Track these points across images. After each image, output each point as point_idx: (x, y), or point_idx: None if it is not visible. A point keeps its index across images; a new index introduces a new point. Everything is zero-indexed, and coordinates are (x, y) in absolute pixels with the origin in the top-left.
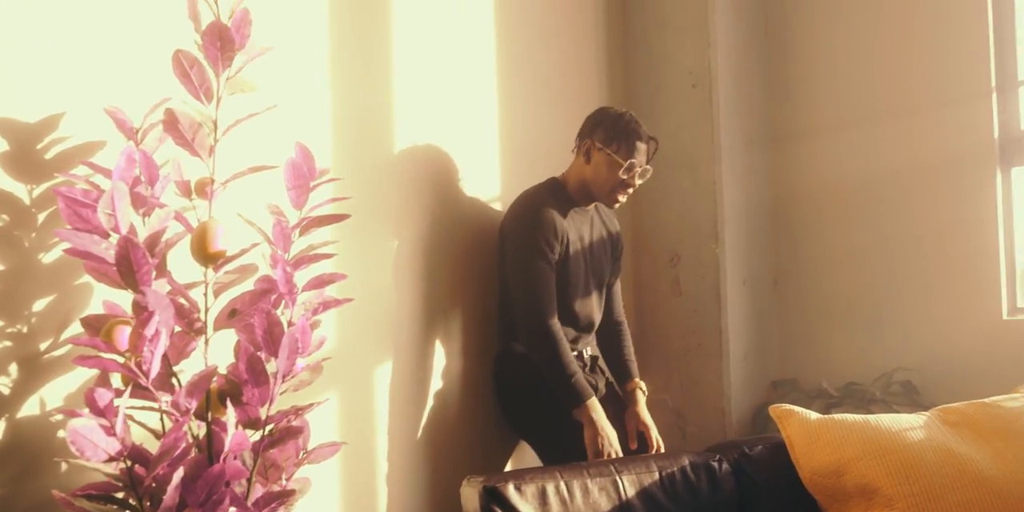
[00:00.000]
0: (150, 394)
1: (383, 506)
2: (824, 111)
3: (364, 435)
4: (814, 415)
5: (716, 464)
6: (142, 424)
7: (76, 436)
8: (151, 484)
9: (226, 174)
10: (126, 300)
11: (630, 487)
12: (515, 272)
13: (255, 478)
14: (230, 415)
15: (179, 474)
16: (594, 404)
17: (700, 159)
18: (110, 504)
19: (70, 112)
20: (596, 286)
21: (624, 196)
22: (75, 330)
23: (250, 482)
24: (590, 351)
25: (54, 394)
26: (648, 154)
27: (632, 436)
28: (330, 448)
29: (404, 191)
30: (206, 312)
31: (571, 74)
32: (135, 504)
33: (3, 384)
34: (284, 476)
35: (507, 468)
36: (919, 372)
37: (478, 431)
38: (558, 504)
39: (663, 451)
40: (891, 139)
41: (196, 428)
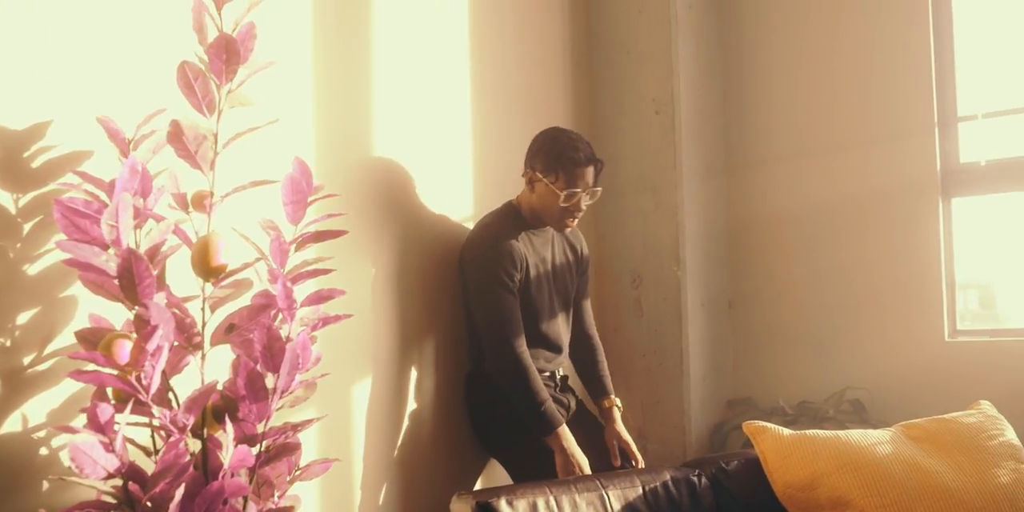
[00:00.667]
0: (147, 410)
1: None
2: (778, 142)
3: (342, 453)
4: (786, 431)
5: (696, 479)
6: (132, 441)
7: (77, 452)
8: (147, 502)
9: (220, 188)
10: (114, 313)
11: (616, 501)
12: (478, 302)
13: (249, 495)
14: (229, 431)
15: (180, 491)
16: (564, 432)
17: (662, 183)
18: None
19: (57, 120)
20: (562, 306)
21: (573, 220)
22: (59, 344)
23: (246, 500)
24: (561, 371)
25: (37, 410)
26: (593, 175)
27: (614, 453)
28: (322, 465)
29: (379, 210)
30: (203, 327)
31: (539, 99)
32: None
33: None
34: (276, 493)
35: (477, 486)
36: (868, 391)
37: (450, 449)
38: None
39: (643, 466)
40: (841, 170)
41: (192, 445)
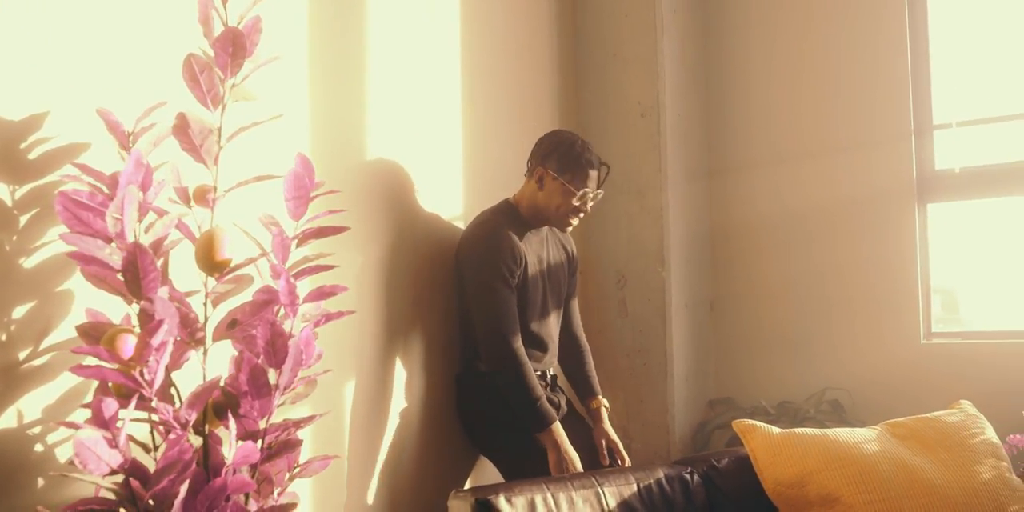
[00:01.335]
0: (149, 405)
1: None
2: (758, 148)
3: (333, 450)
4: (775, 430)
5: (688, 476)
6: (131, 437)
7: (81, 448)
8: (149, 500)
9: (223, 182)
10: (112, 308)
11: (611, 498)
12: (477, 298)
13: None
14: (232, 428)
15: (184, 487)
16: (558, 429)
17: (647, 186)
18: None
19: (54, 112)
20: (555, 305)
21: (576, 220)
22: (55, 338)
23: (247, 497)
24: (552, 371)
25: (32, 406)
26: (599, 180)
27: (602, 453)
28: (321, 462)
29: (369, 208)
30: (205, 322)
31: (528, 102)
32: None
33: None
34: (277, 490)
35: (467, 485)
36: (846, 391)
37: (440, 448)
38: None
39: (629, 465)
40: (819, 176)
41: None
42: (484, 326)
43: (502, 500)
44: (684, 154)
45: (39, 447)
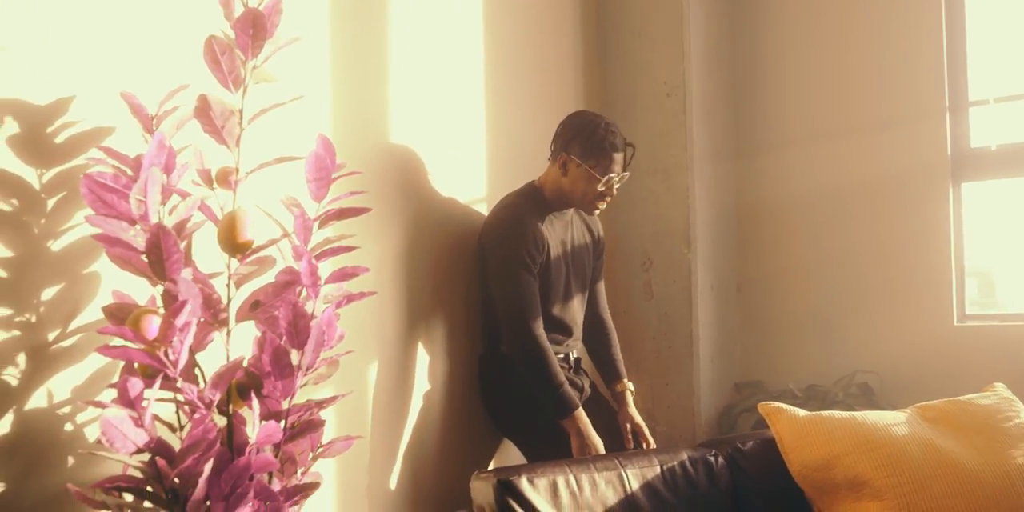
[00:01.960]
0: (174, 385)
1: (366, 501)
2: (788, 126)
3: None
4: (801, 412)
5: (713, 459)
6: (156, 416)
7: (108, 426)
8: (174, 478)
9: (244, 164)
10: (138, 289)
11: (634, 480)
12: (498, 283)
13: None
14: (255, 407)
15: (209, 466)
16: (580, 415)
17: (673, 166)
18: (139, 497)
19: (80, 96)
20: (580, 288)
21: (603, 204)
22: (83, 320)
23: (271, 476)
24: (575, 353)
25: (62, 386)
26: (625, 162)
27: (627, 436)
28: (344, 442)
29: (390, 189)
30: (228, 303)
31: (551, 82)
32: (163, 497)
33: (10, 375)
34: (300, 470)
35: (490, 467)
36: (877, 374)
37: (463, 430)
38: (568, 497)
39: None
40: (851, 154)
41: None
42: (506, 312)
43: (524, 481)
44: (710, 133)
45: (69, 426)
